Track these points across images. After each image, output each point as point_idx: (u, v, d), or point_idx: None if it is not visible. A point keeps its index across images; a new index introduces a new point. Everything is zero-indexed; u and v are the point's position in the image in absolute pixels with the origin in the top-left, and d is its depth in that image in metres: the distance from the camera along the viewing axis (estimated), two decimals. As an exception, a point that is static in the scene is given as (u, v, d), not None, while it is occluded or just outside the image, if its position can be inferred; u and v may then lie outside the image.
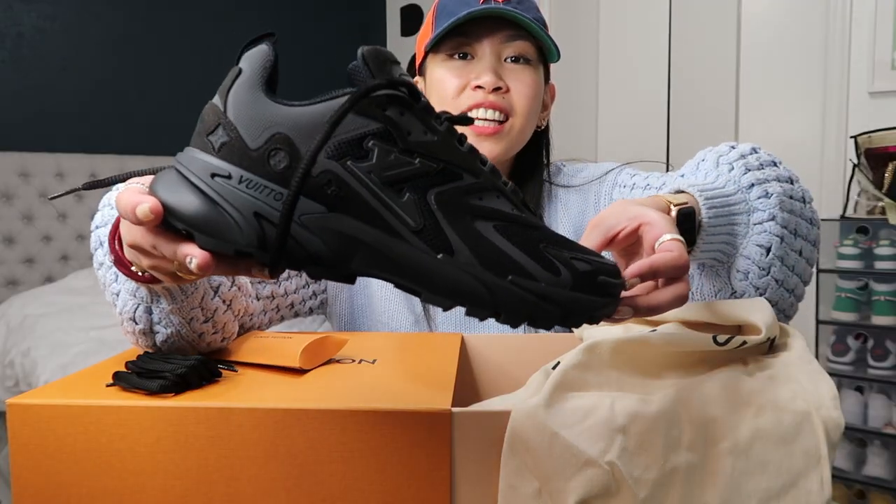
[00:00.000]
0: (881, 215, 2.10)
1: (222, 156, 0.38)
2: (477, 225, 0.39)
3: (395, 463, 0.44)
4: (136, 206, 0.37)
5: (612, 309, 0.41)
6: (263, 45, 0.40)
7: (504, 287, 0.38)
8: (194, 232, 0.38)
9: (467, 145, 0.41)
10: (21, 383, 1.99)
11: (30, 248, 2.54)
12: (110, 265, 0.59)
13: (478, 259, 0.39)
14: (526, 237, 0.40)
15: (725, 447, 0.42)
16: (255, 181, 0.38)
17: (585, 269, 0.40)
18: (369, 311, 0.87)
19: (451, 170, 0.40)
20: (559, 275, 0.39)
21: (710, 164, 0.63)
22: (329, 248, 0.38)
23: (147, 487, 0.45)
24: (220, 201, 0.38)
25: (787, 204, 0.59)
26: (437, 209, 0.39)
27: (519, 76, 0.82)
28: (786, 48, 2.50)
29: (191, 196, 0.38)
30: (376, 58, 0.39)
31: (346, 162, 0.38)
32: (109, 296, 0.60)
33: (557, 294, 0.39)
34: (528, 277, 0.39)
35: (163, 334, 0.58)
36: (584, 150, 3.02)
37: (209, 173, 0.38)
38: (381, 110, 0.39)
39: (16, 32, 2.49)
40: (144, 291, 0.57)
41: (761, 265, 0.58)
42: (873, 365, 2.03)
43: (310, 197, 0.38)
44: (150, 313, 0.58)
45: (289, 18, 3.36)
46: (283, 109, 0.38)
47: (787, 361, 0.48)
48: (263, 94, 0.39)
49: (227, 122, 0.39)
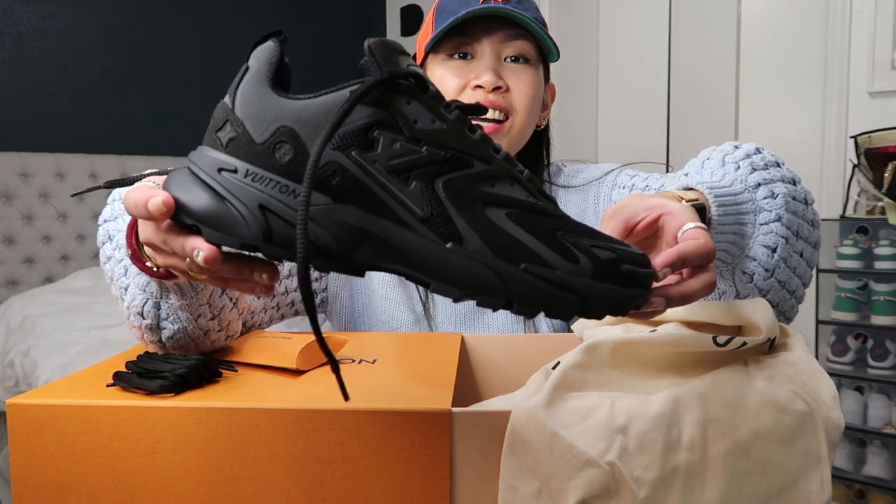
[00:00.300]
0: (881, 215, 2.10)
1: (230, 151, 0.39)
2: (488, 212, 0.38)
3: (395, 463, 0.44)
4: (149, 200, 0.38)
5: (642, 300, 0.39)
6: (270, 42, 0.40)
7: (517, 275, 0.37)
8: (201, 226, 0.38)
9: (479, 133, 0.40)
10: (21, 383, 1.99)
11: (30, 248, 2.54)
12: (120, 259, 0.59)
13: (489, 247, 0.38)
14: (542, 225, 0.39)
15: (725, 447, 0.42)
16: (260, 174, 0.38)
17: (608, 256, 0.38)
18: (370, 310, 0.87)
19: (461, 157, 0.39)
20: (577, 263, 0.38)
21: (716, 162, 0.63)
22: (336, 239, 0.38)
23: (147, 487, 0.45)
24: (226, 195, 0.38)
25: (791, 205, 0.59)
26: (445, 197, 0.38)
27: (519, 75, 0.82)
28: (786, 48, 2.50)
29: (199, 191, 0.39)
30: (382, 49, 0.39)
31: (350, 152, 0.38)
32: (117, 290, 0.60)
33: (576, 283, 0.37)
34: (544, 265, 0.37)
35: (169, 330, 0.59)
36: (584, 150, 3.02)
37: (216, 168, 0.39)
38: (387, 100, 0.38)
39: (16, 32, 2.49)
40: (155, 287, 0.57)
41: (767, 266, 0.58)
42: (873, 365, 2.03)
43: (316, 189, 0.38)
44: (158, 309, 0.58)
45: (289, 18, 3.37)
46: (288, 103, 0.39)
47: (787, 361, 0.48)
48: (270, 88, 0.39)
49: (235, 117, 0.39)
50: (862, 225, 2.12)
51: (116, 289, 0.60)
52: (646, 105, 2.88)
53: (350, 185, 0.38)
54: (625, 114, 2.95)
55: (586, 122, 3.06)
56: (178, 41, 2.93)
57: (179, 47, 2.94)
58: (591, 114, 3.05)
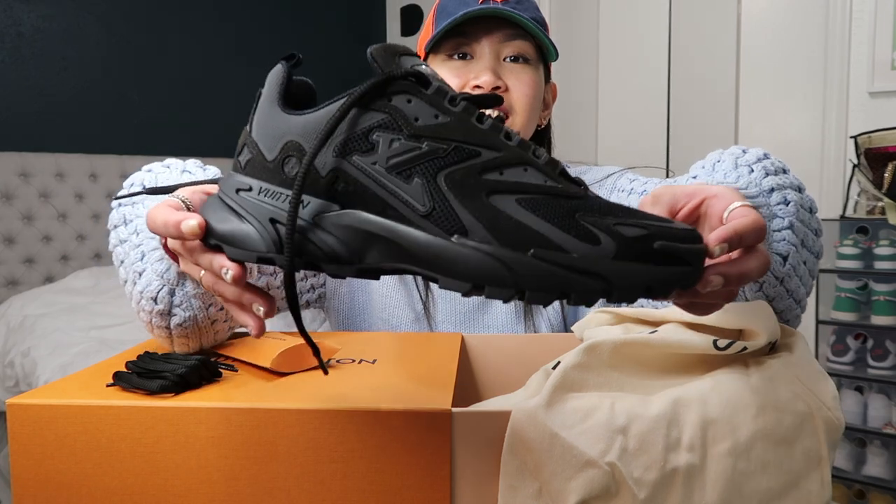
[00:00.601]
0: (881, 215, 2.10)
1: (247, 172, 0.42)
2: (494, 200, 0.37)
3: (395, 463, 0.44)
4: (182, 223, 0.42)
5: (690, 279, 0.36)
6: (278, 65, 0.42)
7: (525, 262, 0.35)
8: (223, 245, 0.41)
9: (489, 122, 0.39)
10: (21, 383, 1.99)
11: (30, 248, 2.54)
12: (137, 244, 0.60)
13: (494, 235, 0.36)
14: (557, 208, 0.37)
15: (726, 448, 0.42)
16: (271, 190, 0.40)
17: (636, 234, 0.35)
18: (369, 308, 0.87)
19: (466, 149, 0.38)
20: (598, 244, 0.35)
21: (728, 165, 0.62)
22: (343, 244, 0.38)
23: (147, 487, 0.45)
24: (243, 213, 0.41)
25: (801, 213, 0.58)
26: (448, 190, 0.38)
27: (518, 75, 0.82)
28: (786, 48, 2.50)
29: (223, 213, 0.42)
30: (383, 54, 0.40)
31: (352, 157, 0.39)
32: (130, 273, 0.61)
33: (594, 265, 0.35)
34: (556, 249, 0.35)
35: (180, 317, 0.59)
36: (584, 150, 3.02)
37: (235, 189, 0.41)
38: (386, 101, 0.39)
39: (16, 32, 2.49)
40: (173, 274, 0.59)
41: (777, 275, 0.56)
42: (873, 365, 2.03)
43: (323, 197, 0.39)
44: (172, 295, 0.59)
45: (289, 18, 3.37)
46: (294, 118, 0.40)
47: (787, 362, 0.48)
48: (278, 108, 0.41)
49: (251, 140, 0.42)
50: (862, 225, 2.12)
51: (129, 272, 0.61)
52: (646, 105, 2.88)
53: (354, 190, 0.39)
54: (625, 114, 2.95)
55: (586, 122, 3.06)
56: (178, 41, 2.93)
57: (179, 47, 2.94)
58: (591, 114, 3.05)
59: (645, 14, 2.87)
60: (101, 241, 2.71)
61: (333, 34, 3.55)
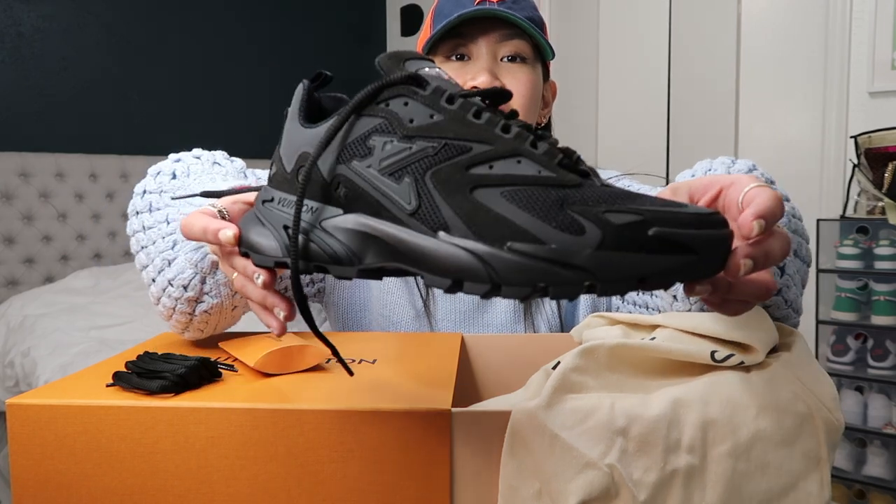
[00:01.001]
0: (881, 215, 2.10)
1: (272, 185, 0.45)
2: (476, 195, 0.36)
3: (395, 463, 0.44)
4: (220, 232, 0.46)
5: (700, 269, 0.33)
6: (300, 84, 0.46)
7: (501, 256, 0.34)
8: (250, 252, 0.45)
9: (487, 116, 0.39)
10: (21, 383, 1.99)
11: (30, 248, 2.54)
12: (170, 232, 0.62)
13: (472, 230, 0.36)
14: (544, 198, 0.35)
15: (726, 449, 0.42)
16: (287, 199, 0.44)
17: (626, 220, 0.33)
18: (369, 304, 0.87)
19: (456, 145, 0.38)
20: (581, 233, 0.33)
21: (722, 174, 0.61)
22: (344, 246, 0.40)
23: (147, 487, 0.45)
24: (265, 222, 0.44)
25: (793, 223, 0.58)
26: (433, 187, 0.38)
27: (515, 75, 0.82)
28: (786, 48, 2.50)
29: (252, 223, 0.46)
30: (389, 61, 0.42)
31: (351, 162, 0.41)
32: (158, 260, 0.62)
33: (573, 256, 0.33)
34: (533, 241, 0.34)
35: (207, 304, 0.62)
36: (584, 150, 3.01)
37: (262, 201, 0.45)
38: (384, 106, 0.40)
39: (16, 32, 2.49)
40: (207, 263, 0.61)
41: (777, 285, 0.56)
42: (873, 365, 2.03)
43: (327, 202, 0.42)
44: (203, 283, 0.61)
45: (289, 18, 3.37)
46: (308, 131, 0.43)
47: (787, 362, 0.48)
48: (299, 123, 0.44)
49: (277, 156, 0.45)
50: (862, 225, 2.12)
51: (157, 259, 0.62)
52: (646, 105, 2.88)
53: (353, 194, 0.40)
54: (625, 114, 2.95)
55: (586, 122, 3.06)
56: (178, 41, 2.93)
57: (179, 47, 2.94)
58: (591, 114, 3.05)
59: (645, 14, 2.87)
60: (101, 241, 2.71)
61: (333, 34, 3.55)
